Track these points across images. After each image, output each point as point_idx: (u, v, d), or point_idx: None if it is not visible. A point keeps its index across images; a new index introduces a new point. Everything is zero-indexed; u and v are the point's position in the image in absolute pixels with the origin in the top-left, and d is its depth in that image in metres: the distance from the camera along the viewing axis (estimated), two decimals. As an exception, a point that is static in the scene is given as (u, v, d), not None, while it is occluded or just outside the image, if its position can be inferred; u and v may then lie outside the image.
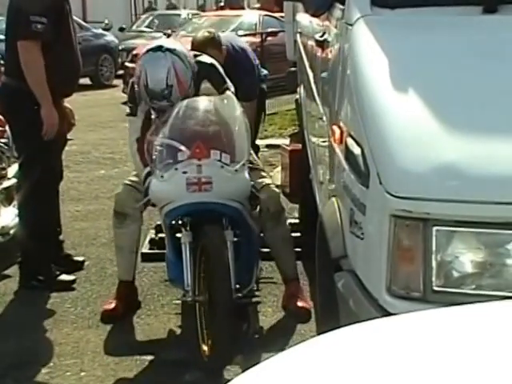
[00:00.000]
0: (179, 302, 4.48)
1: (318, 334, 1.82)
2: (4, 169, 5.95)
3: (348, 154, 2.82)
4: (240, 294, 4.05)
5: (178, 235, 4.27)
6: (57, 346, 4.47)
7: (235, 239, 4.14)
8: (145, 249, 5.47)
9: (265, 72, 6.92)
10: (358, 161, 2.67)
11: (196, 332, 4.10)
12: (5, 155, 5.98)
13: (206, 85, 4.60)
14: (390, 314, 2.40)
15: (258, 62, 6.69)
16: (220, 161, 4.13)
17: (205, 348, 4.02)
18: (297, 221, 5.94)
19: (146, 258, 5.41)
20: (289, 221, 4.93)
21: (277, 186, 5.05)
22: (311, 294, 4.39)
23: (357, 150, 2.70)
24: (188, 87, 4.42)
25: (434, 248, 2.41)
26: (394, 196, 2.43)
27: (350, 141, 2.82)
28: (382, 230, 2.46)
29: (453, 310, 1.93)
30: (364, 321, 1.91)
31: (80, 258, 5.64)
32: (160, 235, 5.33)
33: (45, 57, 4.92)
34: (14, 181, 5.95)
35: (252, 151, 4.68)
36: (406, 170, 2.46)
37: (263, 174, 4.77)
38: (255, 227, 4.49)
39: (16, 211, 5.65)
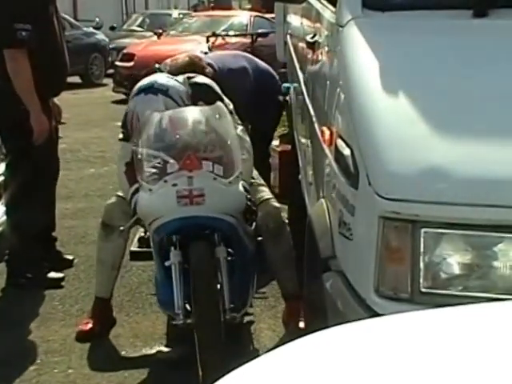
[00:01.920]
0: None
1: (306, 334, 1.82)
2: (-8, 166, 5.93)
3: (337, 155, 2.83)
4: (234, 314, 3.82)
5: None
6: (44, 343, 4.48)
7: (229, 258, 3.89)
8: (133, 247, 5.45)
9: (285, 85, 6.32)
10: (347, 162, 2.69)
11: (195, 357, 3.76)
12: (-7, 153, 5.97)
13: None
14: (377, 315, 2.41)
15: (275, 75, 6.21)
16: (212, 172, 3.90)
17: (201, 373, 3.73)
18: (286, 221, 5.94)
19: (135, 256, 5.37)
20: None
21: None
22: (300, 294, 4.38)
23: (346, 152, 2.71)
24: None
25: (422, 249, 2.42)
26: (382, 197, 2.44)
27: (339, 142, 2.83)
28: (371, 231, 2.48)
29: (440, 311, 1.94)
30: (352, 321, 1.92)
31: (70, 257, 5.64)
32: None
33: (31, 58, 4.88)
34: (1, 178, 5.94)
35: (253, 168, 4.49)
36: (395, 172, 2.47)
37: (263, 188, 4.55)
38: (250, 244, 4.20)
39: (4, 209, 5.64)
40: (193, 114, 4.13)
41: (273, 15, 9.08)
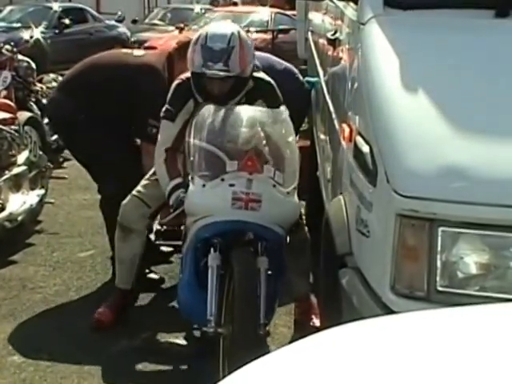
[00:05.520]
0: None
1: (321, 329, 1.83)
2: (14, 156, 5.99)
3: (357, 152, 2.84)
4: (267, 329, 3.62)
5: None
6: (60, 333, 4.50)
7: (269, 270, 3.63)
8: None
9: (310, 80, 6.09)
10: (366, 159, 2.69)
11: (218, 367, 3.61)
12: (15, 142, 6.03)
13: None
14: (393, 313, 2.41)
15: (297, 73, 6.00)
16: (273, 179, 3.66)
17: None
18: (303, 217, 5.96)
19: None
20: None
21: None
22: (314, 290, 4.37)
23: (365, 149, 2.72)
24: (249, 63, 4.00)
25: (439, 248, 2.43)
26: (400, 195, 2.44)
27: (359, 139, 2.84)
28: (388, 228, 2.48)
29: (456, 310, 1.94)
30: (367, 318, 1.93)
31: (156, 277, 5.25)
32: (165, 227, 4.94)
33: None
34: (23, 168, 6.00)
35: None
36: (413, 170, 2.47)
37: None
38: (286, 257, 3.87)
39: (24, 198, 5.69)
40: (256, 114, 3.88)
41: (294, 12, 9.09)
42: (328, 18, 4.73)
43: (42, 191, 6.32)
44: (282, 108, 4.05)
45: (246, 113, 3.85)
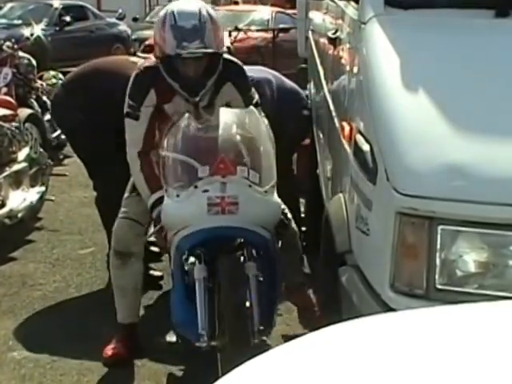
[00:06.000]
0: None
1: (320, 327, 1.84)
2: (14, 152, 6.00)
3: (357, 150, 2.85)
4: (264, 338, 3.43)
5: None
6: (60, 329, 4.51)
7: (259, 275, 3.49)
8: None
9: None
10: (366, 157, 2.70)
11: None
12: (15, 139, 6.04)
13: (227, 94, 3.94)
14: (392, 310, 2.43)
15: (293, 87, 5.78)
16: (248, 179, 3.51)
17: None
18: (302, 215, 5.99)
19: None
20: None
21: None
22: (314, 288, 4.38)
23: (365, 147, 2.73)
24: (222, 37, 3.80)
25: (438, 246, 2.44)
26: (400, 193, 2.45)
27: (359, 137, 2.85)
28: (388, 226, 2.49)
29: (455, 308, 1.95)
30: (366, 315, 1.93)
31: (159, 274, 5.22)
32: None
33: None
34: (23, 165, 6.01)
35: None
36: (413, 169, 2.48)
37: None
38: (278, 260, 3.73)
39: (24, 195, 5.70)
40: (225, 116, 3.74)
41: (295, 11, 9.09)
42: (329, 17, 4.73)
43: (43, 188, 6.33)
44: (252, 107, 3.89)
45: (218, 116, 3.73)
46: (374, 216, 2.63)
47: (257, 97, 4.06)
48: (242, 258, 3.50)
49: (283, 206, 3.73)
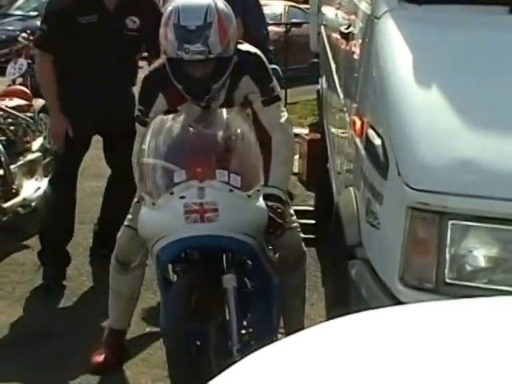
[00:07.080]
0: None
1: (328, 319, 1.85)
2: (28, 142, 6.05)
3: (368, 144, 2.86)
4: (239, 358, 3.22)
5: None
6: (67, 318, 4.55)
7: (252, 288, 3.37)
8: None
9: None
10: (377, 152, 2.71)
11: None
12: (30, 129, 6.08)
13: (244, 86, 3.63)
14: (401, 303, 2.44)
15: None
16: (228, 183, 3.27)
17: None
18: (312, 208, 6.02)
19: None
20: (304, 221, 4.14)
21: (294, 174, 4.74)
22: (322, 281, 4.39)
23: (377, 142, 2.74)
24: (231, 39, 3.46)
25: (448, 241, 2.45)
26: (411, 188, 2.46)
27: (370, 132, 2.86)
28: (398, 220, 2.50)
29: (464, 302, 1.97)
30: (375, 308, 1.95)
31: None
32: None
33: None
34: (37, 154, 6.05)
35: None
36: (425, 163, 2.49)
37: (290, 211, 3.80)
38: (272, 270, 3.53)
39: (38, 184, 5.74)
40: (203, 116, 3.52)
41: (307, 5, 9.08)
42: (341, 11, 4.73)
43: (56, 178, 6.36)
44: (236, 108, 3.62)
45: (196, 116, 3.51)
46: (385, 210, 2.64)
47: (278, 89, 3.75)
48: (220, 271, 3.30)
49: (293, 216, 3.56)
